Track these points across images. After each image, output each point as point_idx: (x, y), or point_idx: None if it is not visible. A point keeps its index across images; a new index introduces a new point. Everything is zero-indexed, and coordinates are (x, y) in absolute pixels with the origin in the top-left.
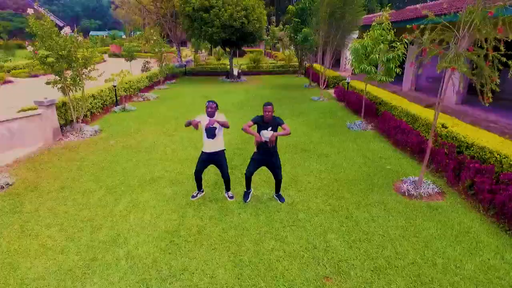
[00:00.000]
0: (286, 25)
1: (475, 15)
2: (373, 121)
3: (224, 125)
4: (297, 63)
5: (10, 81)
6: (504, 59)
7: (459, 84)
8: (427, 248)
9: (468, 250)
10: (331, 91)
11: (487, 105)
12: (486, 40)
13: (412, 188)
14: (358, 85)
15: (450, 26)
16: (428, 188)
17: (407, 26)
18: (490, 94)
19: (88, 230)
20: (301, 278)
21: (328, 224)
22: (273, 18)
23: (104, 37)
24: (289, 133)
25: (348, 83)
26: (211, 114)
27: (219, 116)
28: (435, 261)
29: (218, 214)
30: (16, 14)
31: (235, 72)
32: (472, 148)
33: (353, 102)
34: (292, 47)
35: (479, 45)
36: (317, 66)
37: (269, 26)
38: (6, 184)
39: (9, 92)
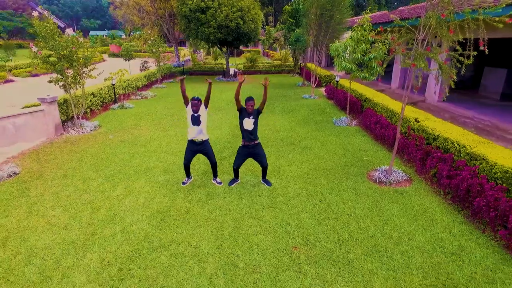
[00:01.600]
0: (281, 25)
1: (432, 19)
2: (358, 117)
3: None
4: (293, 63)
5: (11, 80)
6: (461, 58)
7: (416, 81)
8: (386, 225)
9: (422, 226)
10: (323, 89)
11: (444, 98)
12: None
13: (383, 176)
14: (348, 83)
15: (412, 29)
16: (397, 176)
17: (377, 29)
18: (447, 90)
19: (88, 211)
20: (273, 248)
21: (302, 206)
22: (271, 18)
23: (104, 37)
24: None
25: (337, 81)
26: (195, 110)
27: (202, 106)
28: (391, 235)
29: (205, 198)
30: (16, 14)
31: (232, 72)
32: (438, 140)
33: (341, 99)
34: (288, 47)
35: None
36: (310, 65)
37: (265, 27)
38: (13, 173)
39: (11, 90)
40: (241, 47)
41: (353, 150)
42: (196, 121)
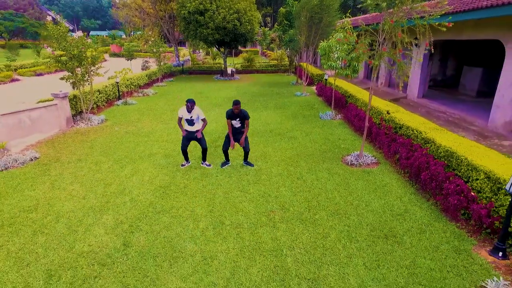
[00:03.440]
0: (277, 26)
1: (386, 24)
2: (342, 112)
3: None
4: (288, 62)
5: (17, 79)
6: (417, 58)
7: (377, 76)
8: (350, 196)
9: (379, 196)
10: (315, 87)
11: (400, 90)
12: (392, 43)
13: (355, 160)
14: (337, 81)
15: (374, 33)
16: (367, 159)
17: (355, 32)
18: (402, 84)
19: (102, 186)
20: (255, 212)
21: (282, 182)
22: (269, 19)
23: (105, 37)
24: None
25: (326, 79)
26: (189, 110)
27: (197, 111)
28: (352, 202)
29: (200, 176)
30: (17, 14)
31: (229, 71)
32: (402, 128)
33: (328, 96)
34: (283, 47)
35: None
36: (304, 64)
37: (261, 28)
38: (34, 158)
39: (18, 89)
40: (239, 47)
41: (333, 140)
42: (191, 123)
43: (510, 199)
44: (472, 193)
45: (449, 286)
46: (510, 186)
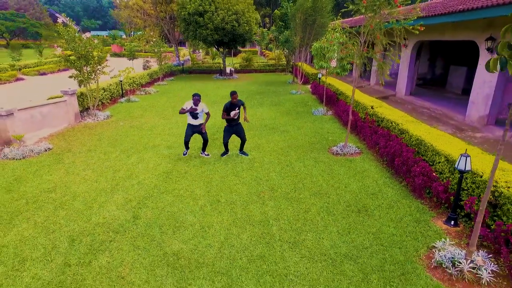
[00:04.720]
0: (274, 27)
1: (366, 27)
2: (333, 108)
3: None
4: (285, 62)
5: (21, 79)
6: (396, 59)
7: (357, 73)
8: (332, 179)
9: (357, 179)
10: (309, 86)
11: (381, 87)
12: (372, 44)
13: (340, 150)
14: (330, 80)
15: (357, 35)
16: (351, 150)
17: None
18: (382, 81)
19: (111, 171)
20: (247, 192)
21: (273, 168)
22: (267, 20)
23: (105, 37)
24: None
25: (319, 78)
26: (196, 103)
27: (202, 106)
28: (333, 184)
29: (199, 164)
30: (18, 14)
31: (228, 70)
32: (383, 121)
33: (321, 94)
34: (281, 47)
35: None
36: (299, 64)
37: (260, 28)
38: (48, 148)
39: (23, 88)
40: (238, 48)
41: (322, 133)
42: (195, 116)
43: (459, 176)
44: (434, 174)
45: (406, 246)
46: (458, 164)
